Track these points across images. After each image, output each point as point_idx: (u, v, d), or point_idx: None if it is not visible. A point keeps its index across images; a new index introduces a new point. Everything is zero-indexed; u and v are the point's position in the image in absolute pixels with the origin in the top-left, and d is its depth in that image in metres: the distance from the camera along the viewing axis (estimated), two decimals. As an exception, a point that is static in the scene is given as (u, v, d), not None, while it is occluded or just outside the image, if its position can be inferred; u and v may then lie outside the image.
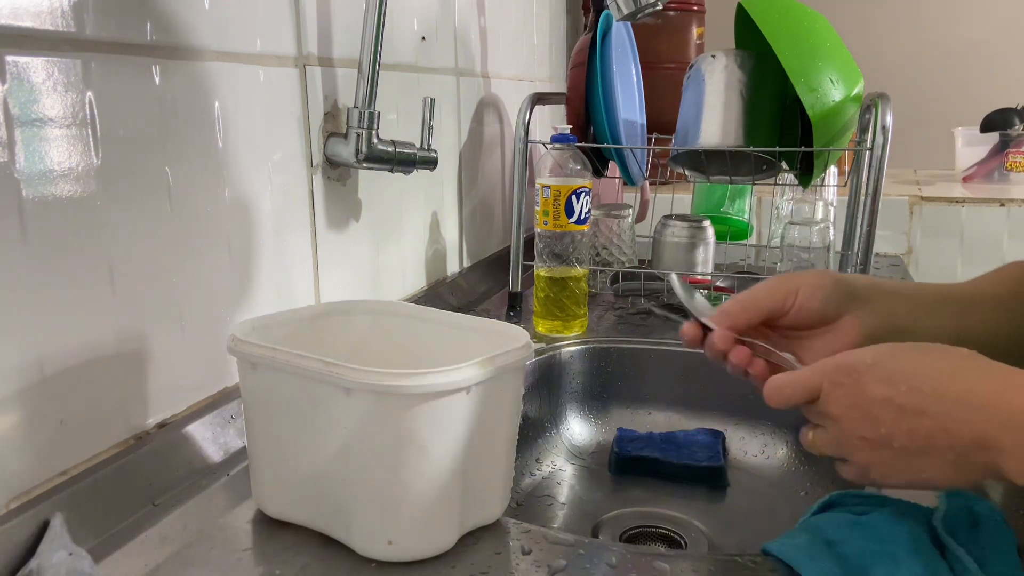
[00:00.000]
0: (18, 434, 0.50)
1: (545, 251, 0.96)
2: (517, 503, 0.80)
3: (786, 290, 0.54)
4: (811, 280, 0.54)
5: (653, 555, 0.52)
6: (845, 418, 0.45)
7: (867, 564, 0.46)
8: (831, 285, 0.54)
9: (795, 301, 0.54)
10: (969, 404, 0.41)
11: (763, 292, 0.54)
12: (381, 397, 0.47)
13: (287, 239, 0.74)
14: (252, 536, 0.53)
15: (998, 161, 1.82)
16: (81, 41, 0.52)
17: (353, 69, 0.81)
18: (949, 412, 0.41)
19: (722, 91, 0.96)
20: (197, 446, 0.62)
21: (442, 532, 0.51)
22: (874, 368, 0.43)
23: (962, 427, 0.41)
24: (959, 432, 0.41)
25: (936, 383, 0.42)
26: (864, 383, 0.43)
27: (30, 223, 0.49)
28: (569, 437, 0.92)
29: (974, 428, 0.40)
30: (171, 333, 0.61)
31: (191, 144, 0.62)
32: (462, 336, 0.60)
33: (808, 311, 0.54)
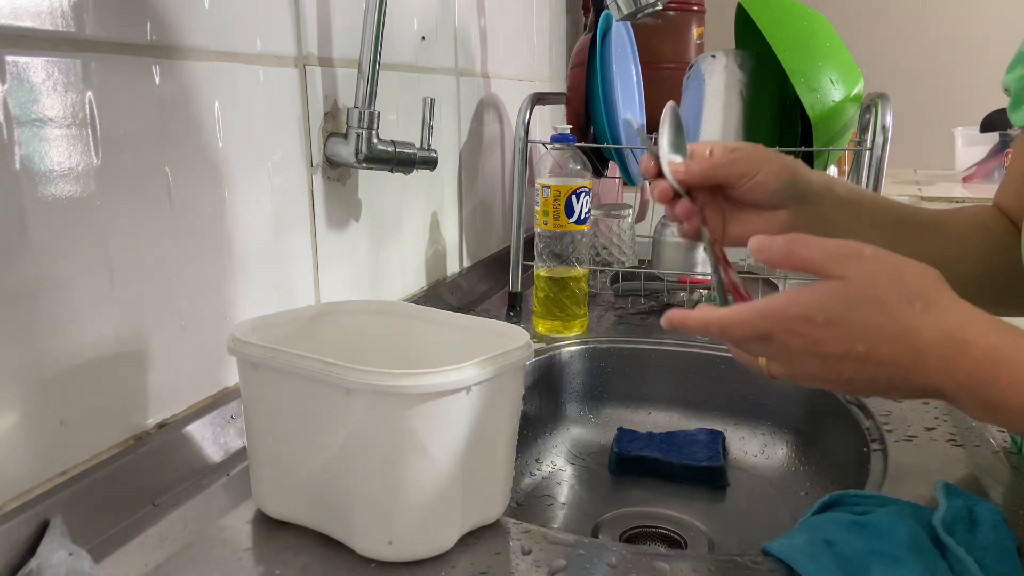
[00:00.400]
0: (18, 434, 0.50)
1: (545, 251, 0.96)
2: (517, 503, 0.80)
3: (747, 170, 0.57)
4: (774, 168, 0.57)
5: (653, 555, 0.52)
6: (802, 360, 0.45)
7: (867, 564, 0.46)
8: (789, 179, 0.57)
9: (751, 181, 0.57)
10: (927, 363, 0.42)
11: (725, 160, 0.57)
12: (381, 397, 0.47)
13: (287, 239, 0.74)
14: (252, 536, 0.53)
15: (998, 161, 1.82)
16: (81, 41, 0.52)
17: (353, 69, 0.81)
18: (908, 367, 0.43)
19: (722, 91, 0.96)
20: (197, 446, 0.62)
21: (442, 532, 0.51)
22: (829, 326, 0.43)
23: (921, 379, 0.43)
24: (918, 382, 0.43)
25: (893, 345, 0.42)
26: (820, 338, 0.43)
27: (30, 223, 0.49)
28: (569, 437, 0.92)
29: (932, 381, 0.43)
30: (171, 333, 0.61)
31: (191, 144, 0.62)
32: (462, 336, 0.60)
33: (758, 193, 0.57)
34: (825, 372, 0.44)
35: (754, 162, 0.57)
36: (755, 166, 0.57)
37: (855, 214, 0.60)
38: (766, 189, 0.57)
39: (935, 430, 0.71)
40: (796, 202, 0.58)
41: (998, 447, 0.67)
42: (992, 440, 0.68)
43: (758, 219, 0.59)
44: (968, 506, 0.50)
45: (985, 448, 0.67)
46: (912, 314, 0.42)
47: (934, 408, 0.76)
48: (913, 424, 0.72)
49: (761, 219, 0.59)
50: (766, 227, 0.58)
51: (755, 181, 0.57)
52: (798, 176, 0.58)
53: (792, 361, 0.45)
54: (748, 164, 0.57)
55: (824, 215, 0.59)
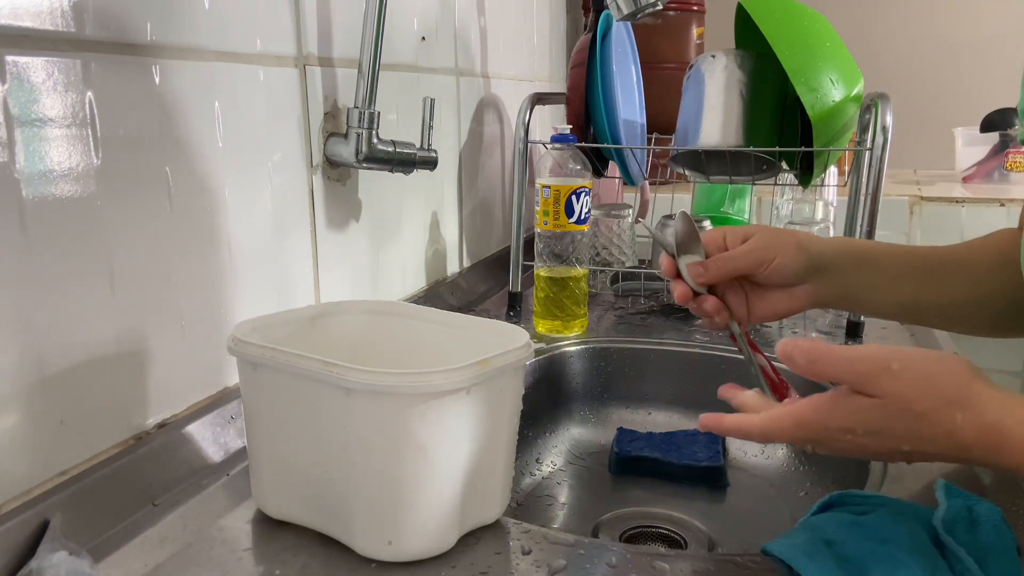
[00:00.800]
0: (18, 434, 0.50)
1: (545, 251, 0.96)
2: (517, 503, 0.80)
3: (763, 258, 0.60)
4: (788, 253, 0.60)
5: (653, 555, 0.52)
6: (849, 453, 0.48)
7: (867, 564, 0.46)
8: (804, 260, 0.60)
9: (768, 268, 0.60)
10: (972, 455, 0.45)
11: (741, 256, 0.60)
12: (381, 397, 0.47)
13: (287, 239, 0.74)
14: (252, 536, 0.53)
15: (998, 161, 1.82)
16: (81, 41, 0.52)
17: (353, 69, 0.81)
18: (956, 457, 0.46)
19: (722, 91, 0.96)
20: (197, 446, 0.62)
21: (442, 532, 0.51)
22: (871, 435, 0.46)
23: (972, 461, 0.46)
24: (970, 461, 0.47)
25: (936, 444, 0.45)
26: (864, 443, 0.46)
27: (30, 223, 0.49)
28: (569, 437, 0.92)
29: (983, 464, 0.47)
30: (171, 333, 0.61)
31: (191, 144, 0.62)
32: (462, 336, 0.60)
33: (777, 277, 0.61)
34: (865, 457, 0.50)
35: (770, 249, 0.60)
36: (771, 253, 0.60)
37: (874, 273, 0.62)
38: (784, 272, 0.60)
39: (935, 430, 0.71)
40: (815, 276, 0.61)
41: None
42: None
43: (781, 296, 0.62)
44: (968, 506, 0.50)
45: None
46: (951, 420, 0.44)
47: (934, 408, 0.76)
48: (913, 424, 0.72)
49: (784, 296, 0.62)
50: (789, 303, 0.62)
51: (773, 267, 0.60)
52: (812, 252, 0.60)
53: (838, 452, 0.48)
54: (764, 252, 0.60)
55: (844, 282, 0.61)
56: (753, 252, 0.60)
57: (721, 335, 1.00)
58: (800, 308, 0.62)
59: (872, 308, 0.65)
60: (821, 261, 0.61)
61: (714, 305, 0.60)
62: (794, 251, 0.60)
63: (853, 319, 1.00)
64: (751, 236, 0.62)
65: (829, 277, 0.61)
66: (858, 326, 0.99)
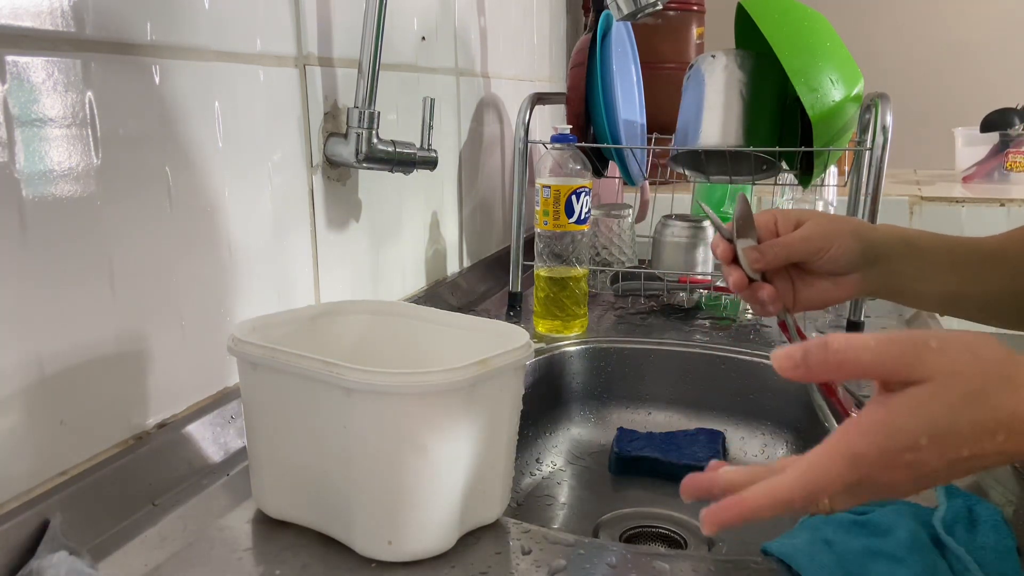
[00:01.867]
0: (18, 434, 0.50)
1: (545, 251, 0.96)
2: (517, 503, 0.80)
3: (821, 246, 0.59)
4: (845, 242, 0.59)
5: (653, 555, 0.52)
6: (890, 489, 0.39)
7: (867, 564, 0.46)
8: (860, 250, 0.59)
9: (824, 256, 0.59)
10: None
11: (799, 242, 0.59)
12: (381, 397, 0.47)
13: (287, 239, 0.74)
14: (252, 536, 0.53)
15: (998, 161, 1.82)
16: (81, 41, 0.52)
17: (353, 69, 0.81)
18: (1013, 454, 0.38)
19: (722, 91, 0.96)
20: (197, 446, 0.62)
21: (442, 532, 0.51)
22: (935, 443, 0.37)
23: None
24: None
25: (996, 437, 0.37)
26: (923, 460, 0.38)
27: (30, 223, 0.49)
28: (569, 437, 0.92)
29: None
30: (171, 333, 0.61)
31: (191, 144, 0.62)
32: (462, 336, 0.60)
33: (830, 266, 0.59)
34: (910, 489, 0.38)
35: (828, 237, 0.59)
36: (828, 241, 0.59)
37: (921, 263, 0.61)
38: (840, 262, 0.59)
39: (935, 430, 0.71)
40: (867, 265, 0.60)
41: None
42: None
43: (829, 285, 0.61)
44: (968, 506, 0.50)
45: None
46: (1014, 399, 0.37)
47: (934, 408, 0.76)
48: (913, 424, 0.72)
49: (832, 284, 0.60)
50: (836, 292, 0.61)
51: (829, 255, 0.59)
52: (866, 241, 0.59)
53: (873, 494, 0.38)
54: (823, 240, 0.59)
55: (893, 271, 0.60)
56: (811, 240, 0.59)
57: (720, 335, 1.00)
58: (847, 297, 0.61)
59: (916, 298, 0.64)
60: (875, 250, 0.60)
61: (770, 294, 0.59)
62: (850, 240, 0.59)
63: (853, 319, 1.00)
64: (804, 222, 0.60)
65: (880, 266, 0.60)
66: (858, 326, 0.99)
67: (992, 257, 0.61)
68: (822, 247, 0.59)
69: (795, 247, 0.59)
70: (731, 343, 0.97)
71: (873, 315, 1.08)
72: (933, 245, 0.62)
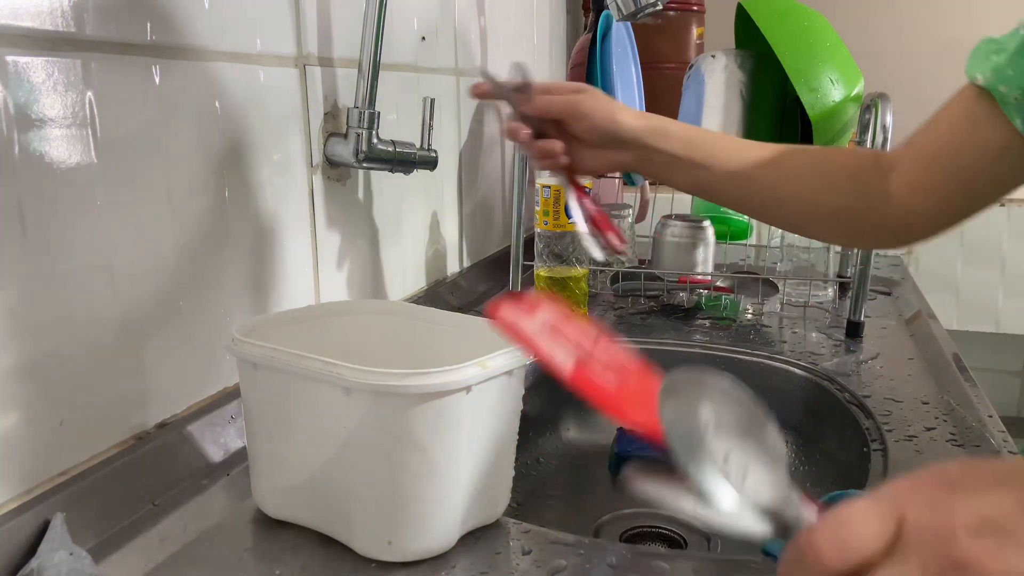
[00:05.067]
0: (18, 434, 0.50)
1: (545, 251, 0.96)
2: (517, 503, 0.80)
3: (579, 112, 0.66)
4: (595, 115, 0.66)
5: (653, 555, 0.52)
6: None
7: (867, 564, 0.46)
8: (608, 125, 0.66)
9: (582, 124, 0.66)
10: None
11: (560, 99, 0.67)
12: (381, 397, 0.47)
13: (287, 239, 0.74)
14: (252, 536, 0.53)
15: (998, 161, 1.82)
16: (81, 41, 0.52)
17: (353, 69, 0.81)
18: None
19: (722, 91, 0.96)
20: (197, 446, 0.62)
21: (442, 532, 0.51)
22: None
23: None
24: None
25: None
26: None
27: (30, 223, 0.49)
28: (569, 437, 0.92)
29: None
30: (171, 333, 0.61)
31: (191, 144, 0.62)
32: (462, 336, 0.60)
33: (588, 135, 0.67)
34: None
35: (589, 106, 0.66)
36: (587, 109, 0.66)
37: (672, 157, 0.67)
38: (593, 134, 0.66)
39: (935, 430, 0.71)
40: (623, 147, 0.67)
41: (998, 447, 0.67)
42: (992, 440, 0.68)
43: (603, 154, 0.68)
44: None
45: (985, 448, 0.67)
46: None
47: (934, 408, 0.76)
48: (913, 424, 0.72)
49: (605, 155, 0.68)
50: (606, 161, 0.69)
51: (585, 125, 0.66)
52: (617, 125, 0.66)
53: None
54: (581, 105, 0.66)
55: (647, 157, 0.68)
56: (572, 100, 0.66)
57: (720, 335, 1.00)
58: (616, 168, 0.70)
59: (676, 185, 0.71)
60: (627, 134, 0.66)
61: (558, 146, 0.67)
62: (603, 117, 0.66)
63: (853, 319, 1.00)
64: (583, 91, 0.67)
65: (634, 150, 0.67)
66: (858, 326, 0.99)
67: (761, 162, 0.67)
68: (579, 113, 0.66)
69: (557, 102, 0.67)
70: (731, 343, 0.97)
71: (873, 315, 1.08)
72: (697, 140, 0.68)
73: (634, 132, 0.67)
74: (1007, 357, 1.61)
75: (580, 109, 0.66)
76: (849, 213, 0.66)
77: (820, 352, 0.94)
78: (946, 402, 0.77)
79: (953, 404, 0.77)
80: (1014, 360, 1.62)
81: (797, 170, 0.67)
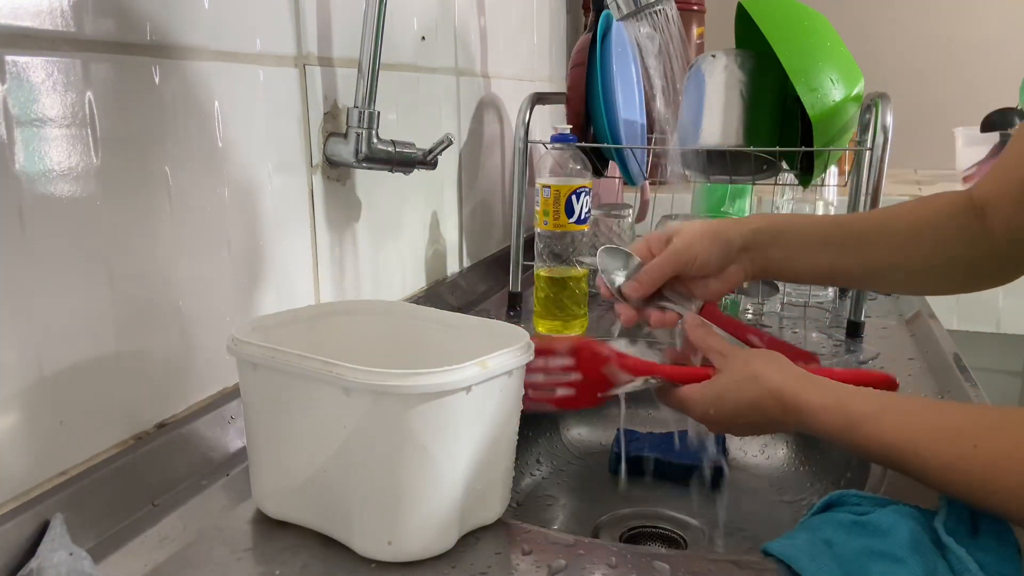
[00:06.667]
0: (18, 434, 0.50)
1: (545, 251, 0.96)
2: (517, 503, 0.80)
3: (686, 258, 0.66)
4: (704, 247, 0.66)
5: (653, 555, 0.52)
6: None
7: (867, 564, 0.46)
8: (720, 250, 0.66)
9: (695, 264, 0.66)
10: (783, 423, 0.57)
11: (667, 262, 0.66)
12: (381, 397, 0.47)
13: (287, 239, 0.74)
14: (252, 536, 0.53)
15: (998, 161, 1.82)
16: (81, 41, 0.52)
17: (353, 69, 0.81)
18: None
19: (722, 91, 0.96)
20: (197, 446, 0.62)
21: (442, 532, 0.51)
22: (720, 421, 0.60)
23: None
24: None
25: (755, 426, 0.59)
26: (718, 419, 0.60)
27: (30, 223, 0.49)
28: (569, 437, 0.92)
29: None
30: (171, 333, 0.61)
31: (191, 144, 0.62)
32: (462, 336, 0.60)
33: (703, 270, 0.67)
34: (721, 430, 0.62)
35: (691, 248, 0.66)
36: (692, 251, 0.66)
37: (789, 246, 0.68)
38: (710, 264, 0.66)
39: (935, 430, 0.71)
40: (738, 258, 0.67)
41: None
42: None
43: (714, 281, 0.67)
44: (970, 510, 0.50)
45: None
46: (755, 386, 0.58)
47: (934, 408, 0.76)
48: (913, 424, 0.72)
49: (716, 280, 0.67)
50: (722, 285, 0.68)
51: (699, 262, 0.66)
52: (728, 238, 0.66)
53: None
54: (686, 251, 0.66)
55: (764, 256, 0.68)
56: (675, 254, 0.66)
57: (721, 335, 1.00)
58: (734, 285, 0.69)
59: (795, 276, 0.73)
60: (741, 243, 0.67)
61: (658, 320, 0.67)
62: (710, 243, 0.66)
63: (853, 319, 1.00)
64: (671, 237, 0.67)
65: (747, 255, 0.67)
66: (858, 326, 0.99)
67: (869, 232, 0.68)
68: (687, 258, 0.66)
69: (665, 267, 0.66)
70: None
71: (874, 315, 1.08)
72: (801, 228, 0.69)
73: (743, 240, 0.67)
74: (1007, 357, 1.61)
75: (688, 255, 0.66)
76: (959, 261, 0.66)
77: (820, 352, 0.94)
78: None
79: (953, 404, 0.76)
80: (1014, 360, 1.62)
81: (909, 233, 0.67)
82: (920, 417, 0.51)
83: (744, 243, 0.67)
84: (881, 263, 0.67)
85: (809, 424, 0.54)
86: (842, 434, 0.53)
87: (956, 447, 0.47)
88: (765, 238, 0.67)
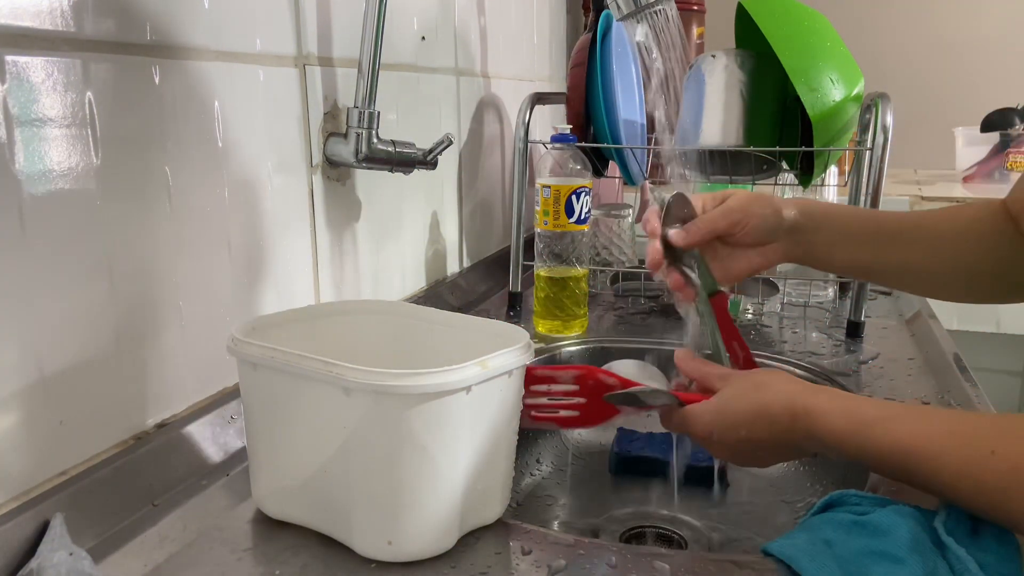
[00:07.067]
0: (18, 434, 0.50)
1: (545, 251, 0.96)
2: (517, 503, 0.80)
3: (738, 218, 0.65)
4: (759, 212, 0.65)
5: (653, 555, 0.52)
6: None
7: (867, 564, 0.46)
8: (773, 219, 0.66)
9: (744, 228, 0.65)
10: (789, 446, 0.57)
11: (721, 217, 0.65)
12: (381, 397, 0.47)
13: (287, 239, 0.74)
14: (252, 536, 0.53)
15: (998, 161, 1.82)
16: (81, 41, 0.52)
17: (353, 69, 0.81)
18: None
19: (722, 91, 0.96)
20: (197, 446, 0.62)
21: (442, 532, 0.51)
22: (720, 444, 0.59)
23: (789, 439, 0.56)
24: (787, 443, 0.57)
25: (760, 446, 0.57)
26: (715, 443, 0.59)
27: (30, 223, 0.49)
28: (569, 437, 0.92)
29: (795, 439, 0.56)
30: (171, 333, 0.61)
31: (191, 144, 0.62)
32: (462, 336, 0.60)
33: (750, 238, 0.66)
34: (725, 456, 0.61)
35: (745, 210, 0.65)
36: (746, 214, 0.65)
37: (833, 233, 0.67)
38: (759, 231, 0.65)
39: (935, 430, 0.71)
40: (784, 236, 0.66)
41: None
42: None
43: (754, 255, 0.67)
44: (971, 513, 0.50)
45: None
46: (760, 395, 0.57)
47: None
48: (913, 424, 0.72)
49: (756, 254, 0.67)
50: (761, 260, 0.67)
51: (749, 227, 0.65)
52: (779, 212, 0.66)
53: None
54: (740, 213, 0.65)
55: (808, 240, 0.67)
56: (731, 212, 0.65)
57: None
58: (771, 264, 0.68)
59: (831, 265, 0.71)
60: (790, 220, 0.66)
61: (677, 282, 0.65)
62: (763, 209, 0.65)
63: (853, 319, 1.00)
64: (727, 199, 0.66)
65: (797, 235, 0.66)
66: (858, 326, 0.99)
67: (910, 231, 0.67)
68: (740, 219, 0.65)
69: (718, 221, 0.65)
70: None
71: (873, 315, 1.08)
72: (849, 217, 0.68)
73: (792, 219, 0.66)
74: (1007, 357, 1.61)
75: (742, 217, 0.65)
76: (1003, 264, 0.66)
77: (820, 352, 0.94)
78: (946, 402, 0.77)
79: (953, 404, 0.77)
80: (1014, 360, 1.62)
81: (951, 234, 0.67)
82: (935, 421, 0.50)
83: (793, 223, 0.66)
84: (919, 263, 0.67)
85: (819, 427, 0.53)
86: (853, 437, 0.52)
87: (973, 451, 0.47)
88: (812, 223, 0.67)
